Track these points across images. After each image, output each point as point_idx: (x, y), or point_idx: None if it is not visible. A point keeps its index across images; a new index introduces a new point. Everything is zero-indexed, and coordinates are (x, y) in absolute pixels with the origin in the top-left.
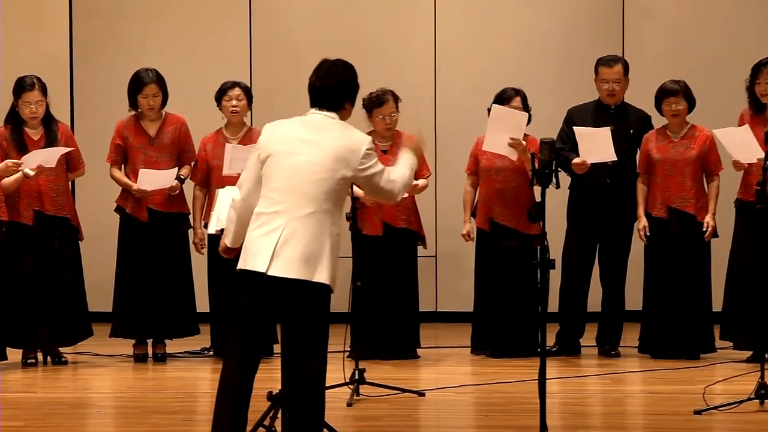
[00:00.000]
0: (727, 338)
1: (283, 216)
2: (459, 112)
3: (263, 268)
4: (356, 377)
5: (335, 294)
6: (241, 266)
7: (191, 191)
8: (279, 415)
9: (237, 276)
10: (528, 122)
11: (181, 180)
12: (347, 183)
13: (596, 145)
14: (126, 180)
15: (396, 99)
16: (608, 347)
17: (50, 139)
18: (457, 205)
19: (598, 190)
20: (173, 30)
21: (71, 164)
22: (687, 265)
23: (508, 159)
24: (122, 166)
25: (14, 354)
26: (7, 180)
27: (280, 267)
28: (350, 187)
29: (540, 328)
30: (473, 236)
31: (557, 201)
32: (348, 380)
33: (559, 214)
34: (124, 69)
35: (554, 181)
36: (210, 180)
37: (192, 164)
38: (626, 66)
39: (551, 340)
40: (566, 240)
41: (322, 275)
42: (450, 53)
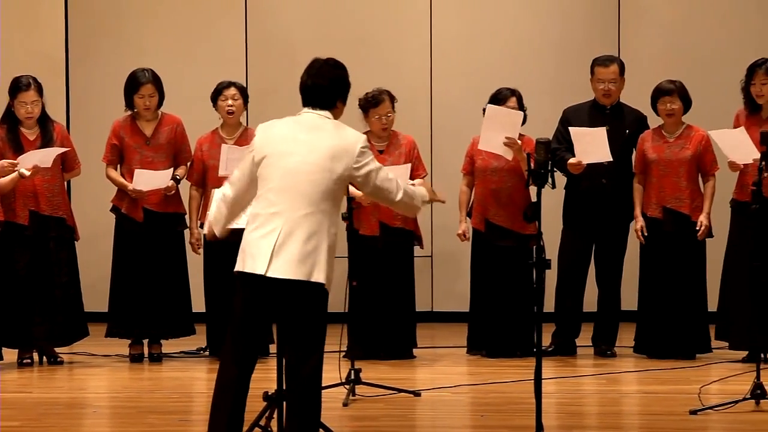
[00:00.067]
0: (723, 338)
1: (281, 217)
2: (455, 112)
3: (262, 271)
4: (352, 377)
5: (331, 294)
6: (239, 268)
7: (187, 191)
8: (275, 416)
9: (233, 277)
10: (523, 122)
11: (177, 180)
12: (344, 182)
13: (592, 146)
14: (122, 180)
15: (392, 99)
16: (604, 347)
17: (46, 139)
18: (453, 205)
19: (594, 191)
20: (169, 30)
21: (67, 164)
22: (682, 266)
23: (504, 159)
24: (118, 166)
25: (10, 354)
26: (3, 180)
27: (279, 268)
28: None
29: (536, 328)
30: (469, 236)
31: (553, 201)
32: (344, 380)
33: (555, 215)
34: (120, 69)
35: (550, 182)
36: (206, 180)
37: (188, 164)
38: (622, 66)
39: (547, 340)
40: (562, 240)
41: (320, 275)
42: (446, 53)
